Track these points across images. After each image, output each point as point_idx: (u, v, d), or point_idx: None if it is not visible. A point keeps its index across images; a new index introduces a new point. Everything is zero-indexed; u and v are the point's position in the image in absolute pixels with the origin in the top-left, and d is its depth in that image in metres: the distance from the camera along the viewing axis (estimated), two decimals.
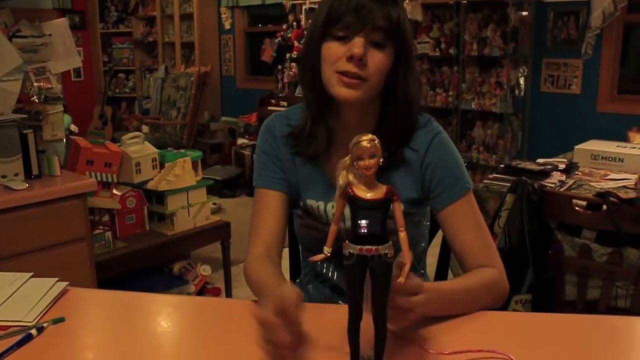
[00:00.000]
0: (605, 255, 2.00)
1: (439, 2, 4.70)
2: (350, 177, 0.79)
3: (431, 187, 1.25)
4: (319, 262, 1.37)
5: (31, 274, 1.17)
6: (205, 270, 3.22)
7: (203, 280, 3.18)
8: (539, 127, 4.69)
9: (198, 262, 3.30)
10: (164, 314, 1.18)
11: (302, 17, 5.76)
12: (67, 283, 1.15)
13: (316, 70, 1.20)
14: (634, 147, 2.77)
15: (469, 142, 4.83)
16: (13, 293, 1.12)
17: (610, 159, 2.68)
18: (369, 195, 0.78)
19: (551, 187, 2.26)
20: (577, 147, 2.81)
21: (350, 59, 1.12)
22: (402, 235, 0.79)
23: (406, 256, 0.79)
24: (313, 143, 1.26)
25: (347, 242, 0.79)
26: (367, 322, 0.83)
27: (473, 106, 4.68)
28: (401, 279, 0.78)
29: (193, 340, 1.04)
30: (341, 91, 1.16)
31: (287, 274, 1.62)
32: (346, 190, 0.79)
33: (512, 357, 0.88)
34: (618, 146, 2.76)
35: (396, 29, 1.14)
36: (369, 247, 0.77)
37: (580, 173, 2.60)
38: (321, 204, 1.30)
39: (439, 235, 1.43)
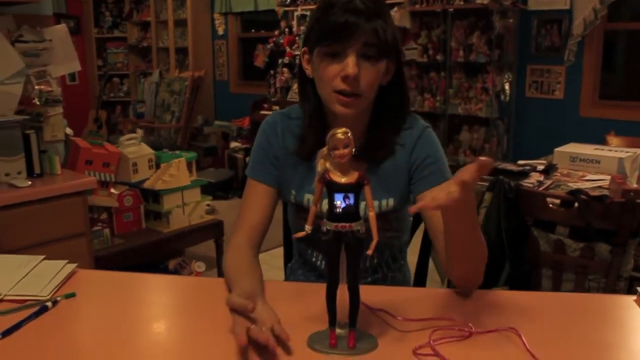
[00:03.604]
0: (577, 250, 2.10)
1: (426, 10, 4.82)
2: (328, 164, 0.92)
3: (415, 172, 1.35)
4: (309, 251, 1.49)
5: (44, 256, 1.30)
6: (199, 267, 3.32)
7: (197, 276, 3.28)
8: (524, 131, 4.81)
9: (192, 259, 3.40)
10: (163, 291, 1.31)
11: (294, 23, 5.87)
12: (76, 264, 1.28)
13: (311, 85, 1.31)
14: (611, 150, 2.87)
15: (456, 146, 4.95)
16: (28, 272, 1.24)
17: (587, 160, 2.77)
18: (343, 180, 0.91)
19: (529, 187, 2.37)
20: (556, 149, 2.90)
21: (345, 78, 1.22)
22: (372, 214, 0.92)
23: (374, 233, 0.92)
24: (307, 144, 1.36)
25: (325, 220, 0.92)
26: (342, 298, 0.95)
27: (460, 111, 4.80)
28: (370, 251, 0.91)
29: (188, 312, 1.16)
30: (339, 109, 1.26)
31: (281, 259, 1.79)
32: (324, 176, 0.92)
33: (470, 324, 1.00)
34: (596, 149, 2.86)
35: (384, 43, 1.22)
36: (344, 224, 0.90)
37: (559, 174, 2.69)
38: None
39: (419, 232, 1.56)
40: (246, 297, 1.03)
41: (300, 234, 0.94)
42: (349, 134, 0.90)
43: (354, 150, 0.90)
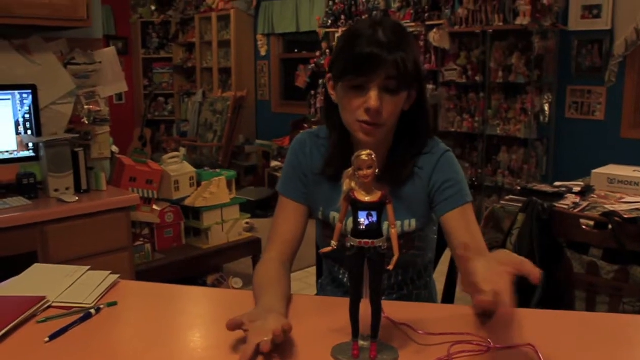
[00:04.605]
0: (612, 273, 2.09)
1: (466, 31, 4.84)
2: (353, 184, 0.98)
3: (435, 195, 1.40)
4: (336, 269, 1.55)
5: (89, 267, 1.38)
6: (236, 283, 3.40)
7: None
8: (564, 153, 4.77)
9: (230, 275, 3.47)
10: (200, 302, 1.38)
11: (335, 44, 5.94)
12: (118, 275, 1.36)
13: (337, 110, 1.37)
14: None
15: (494, 167, 4.93)
16: (74, 282, 1.33)
17: (626, 182, 2.75)
18: (367, 198, 0.96)
19: (564, 208, 2.36)
20: (594, 171, 2.88)
21: (368, 111, 1.27)
22: (393, 231, 0.97)
23: (395, 249, 0.97)
24: (333, 165, 1.42)
25: (349, 236, 0.97)
26: (366, 311, 1.00)
27: (499, 132, 4.78)
28: (390, 267, 0.96)
29: (223, 323, 1.20)
30: (361, 137, 1.32)
31: (313, 276, 1.84)
32: (349, 194, 0.98)
33: (489, 340, 1.04)
34: (635, 170, 2.83)
35: (404, 75, 1.27)
36: (367, 240, 0.95)
37: (596, 196, 2.68)
38: None
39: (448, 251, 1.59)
40: (265, 312, 1.08)
41: (326, 249, 1.00)
42: (373, 156, 0.95)
43: (377, 171, 0.96)
